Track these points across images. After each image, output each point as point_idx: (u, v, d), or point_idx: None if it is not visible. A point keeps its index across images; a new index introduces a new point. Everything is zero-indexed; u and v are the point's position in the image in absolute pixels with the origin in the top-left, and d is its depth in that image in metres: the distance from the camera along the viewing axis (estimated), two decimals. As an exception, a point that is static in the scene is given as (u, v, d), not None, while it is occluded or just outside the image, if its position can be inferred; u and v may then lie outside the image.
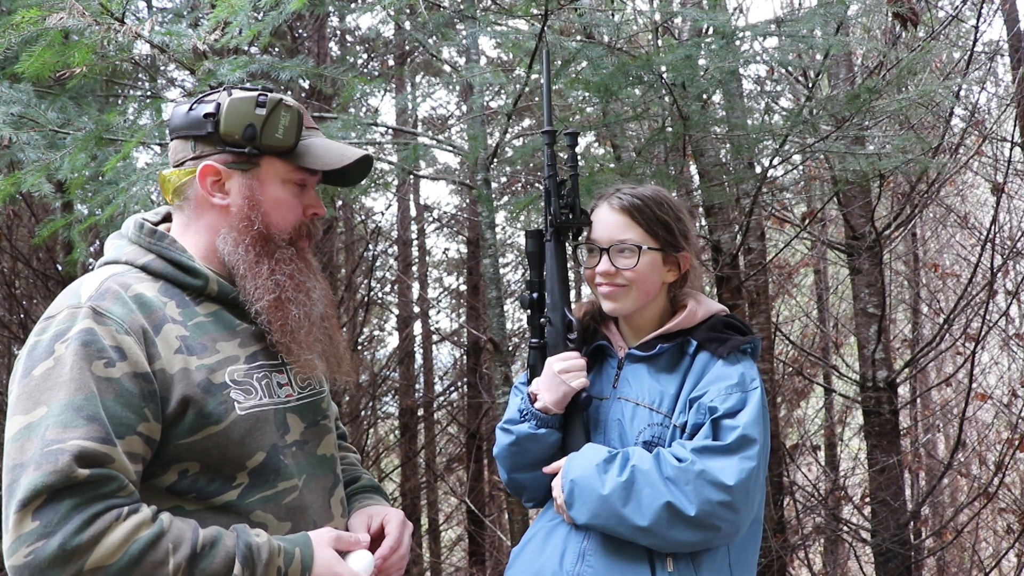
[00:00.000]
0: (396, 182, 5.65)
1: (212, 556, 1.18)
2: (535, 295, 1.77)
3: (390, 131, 4.51)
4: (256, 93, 1.38)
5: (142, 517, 1.15)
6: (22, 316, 5.21)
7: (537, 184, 6.70)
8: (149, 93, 3.71)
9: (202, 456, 1.26)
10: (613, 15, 3.67)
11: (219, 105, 1.37)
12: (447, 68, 4.53)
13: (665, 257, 1.72)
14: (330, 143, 1.44)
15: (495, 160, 3.66)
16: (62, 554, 1.09)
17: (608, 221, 1.73)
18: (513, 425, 1.70)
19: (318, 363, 1.52)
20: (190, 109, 1.39)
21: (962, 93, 4.91)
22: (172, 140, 1.42)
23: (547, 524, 1.69)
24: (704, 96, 3.72)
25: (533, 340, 1.77)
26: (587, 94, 3.51)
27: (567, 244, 1.78)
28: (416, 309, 8.09)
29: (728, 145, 4.15)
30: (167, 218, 1.49)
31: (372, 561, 1.35)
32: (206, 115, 1.37)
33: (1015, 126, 5.28)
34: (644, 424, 1.63)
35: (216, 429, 1.26)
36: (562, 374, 1.65)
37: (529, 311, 1.78)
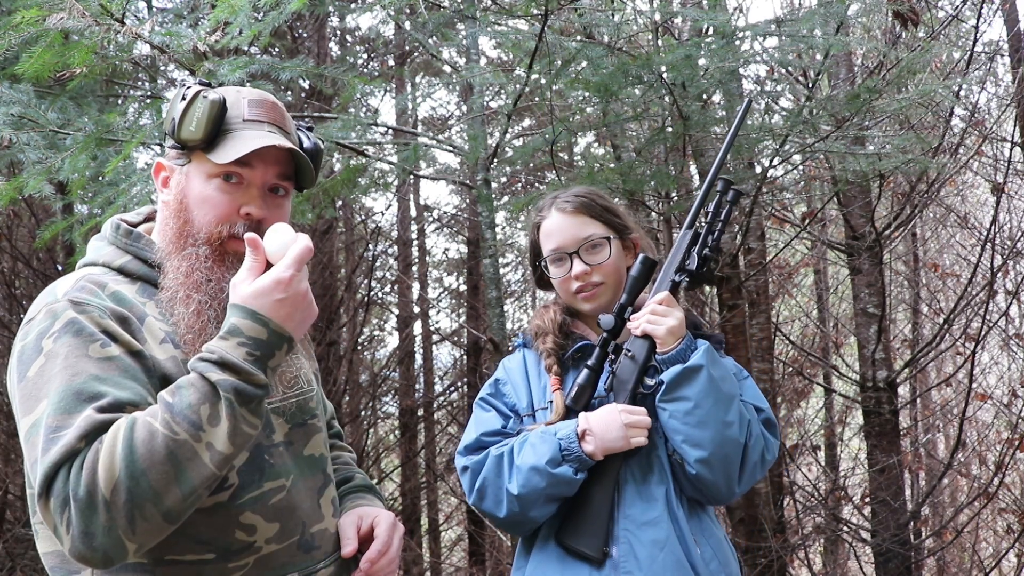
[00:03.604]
0: (396, 182, 5.65)
1: (184, 392, 1.15)
2: (618, 319, 1.68)
3: (390, 131, 4.51)
4: (186, 87, 1.35)
5: (116, 427, 1.13)
6: (22, 316, 5.21)
7: (539, 184, 6.69)
8: (149, 94, 3.72)
9: None
10: (613, 15, 3.67)
11: (170, 101, 1.38)
12: (447, 68, 4.53)
13: (623, 243, 1.80)
14: (255, 134, 1.34)
15: (495, 160, 3.66)
16: (82, 505, 1.08)
17: (565, 225, 1.76)
18: (554, 467, 1.58)
19: (305, 362, 1.51)
20: None
21: (962, 93, 4.91)
22: None
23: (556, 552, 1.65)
24: (704, 96, 3.72)
25: (591, 362, 1.67)
26: (587, 94, 3.51)
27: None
28: (416, 309, 8.09)
29: (728, 145, 4.14)
30: (150, 217, 1.47)
31: (286, 228, 1.27)
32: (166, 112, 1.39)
33: (1015, 126, 5.28)
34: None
35: None
36: (629, 428, 1.59)
37: (606, 333, 1.68)
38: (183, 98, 1.34)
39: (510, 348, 3.52)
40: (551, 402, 1.72)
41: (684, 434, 1.59)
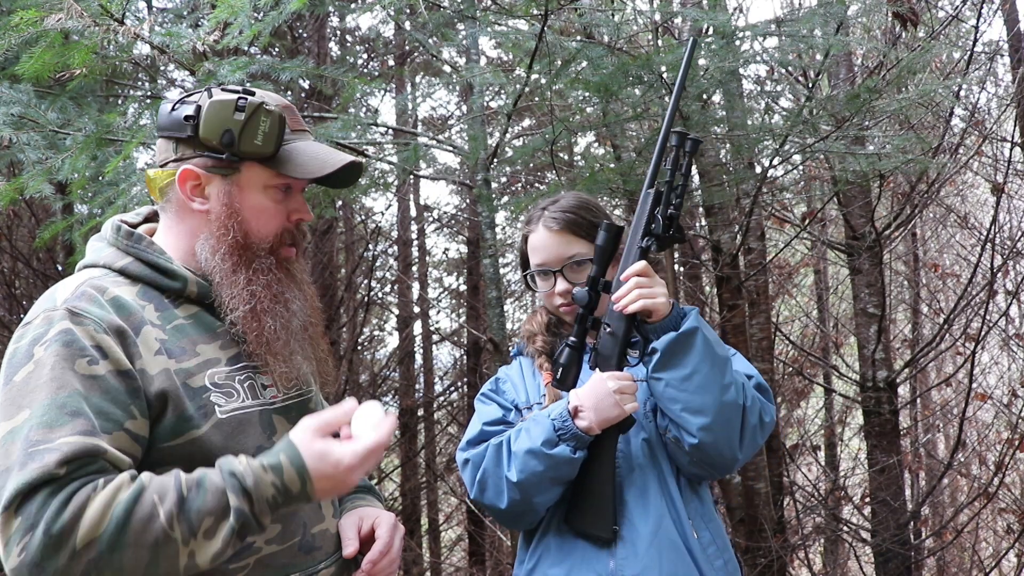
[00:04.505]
0: (396, 182, 5.64)
1: (202, 495, 1.15)
2: (592, 292, 1.65)
3: (390, 131, 4.51)
4: (236, 96, 1.33)
5: (119, 480, 1.13)
6: (22, 316, 5.21)
7: (539, 184, 6.69)
8: (149, 94, 3.71)
9: (187, 461, 1.24)
10: (613, 15, 3.66)
11: (199, 108, 1.33)
12: (447, 68, 4.53)
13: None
14: (315, 148, 1.38)
15: (495, 160, 3.66)
16: (50, 541, 1.07)
17: (551, 243, 1.76)
18: (551, 448, 1.56)
19: (303, 365, 1.52)
20: (173, 109, 1.35)
21: (962, 93, 4.91)
22: (158, 138, 1.40)
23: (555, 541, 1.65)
24: (704, 96, 3.72)
25: (572, 339, 1.65)
26: (587, 94, 3.51)
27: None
28: (416, 309, 8.08)
29: (728, 145, 4.15)
30: (149, 218, 1.47)
31: (378, 412, 1.26)
32: (186, 117, 1.33)
33: (1015, 126, 5.28)
34: (649, 407, 1.69)
35: (197, 434, 1.25)
36: (619, 394, 1.57)
37: (582, 309, 1.65)
38: (238, 109, 1.31)
39: (508, 348, 3.52)
40: (545, 396, 1.73)
41: (684, 402, 1.56)
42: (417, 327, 8.09)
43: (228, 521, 1.15)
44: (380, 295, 7.82)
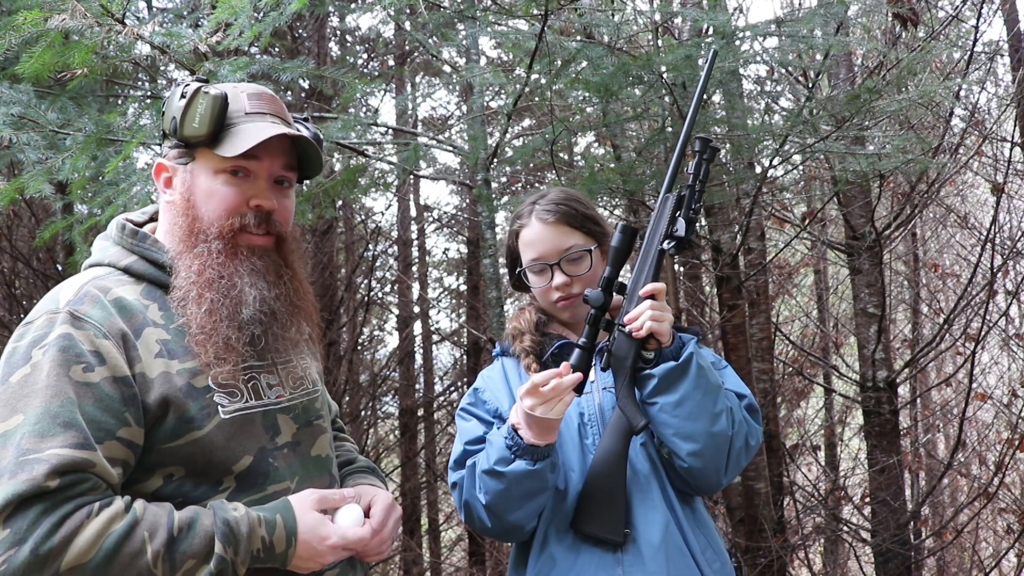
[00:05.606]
0: (396, 182, 5.65)
1: (191, 538, 1.16)
2: (606, 293, 1.62)
3: (390, 131, 4.51)
4: (185, 85, 1.34)
5: (114, 510, 1.14)
6: (22, 316, 5.21)
7: (539, 184, 6.69)
8: (149, 94, 3.71)
9: (186, 461, 1.25)
10: (613, 15, 3.66)
11: (165, 101, 1.38)
12: (447, 68, 4.53)
13: (602, 249, 1.77)
14: (259, 127, 1.34)
15: (495, 160, 3.66)
16: (35, 560, 1.07)
17: (547, 236, 1.73)
18: (506, 466, 1.51)
19: (311, 362, 1.51)
20: None
21: (962, 93, 4.91)
22: None
23: (562, 551, 1.62)
24: (704, 96, 3.72)
25: (583, 340, 1.59)
26: (587, 94, 3.51)
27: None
28: (416, 309, 8.08)
29: (728, 145, 4.15)
30: (155, 216, 1.47)
31: (361, 515, 1.32)
32: (163, 112, 1.38)
33: (1015, 126, 5.28)
34: None
35: (199, 434, 1.25)
36: (543, 406, 1.48)
37: (595, 310, 1.61)
38: (182, 96, 1.33)
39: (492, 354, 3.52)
40: None
41: (675, 427, 1.58)
42: (417, 327, 8.09)
43: (208, 566, 1.17)
44: (380, 295, 7.82)
